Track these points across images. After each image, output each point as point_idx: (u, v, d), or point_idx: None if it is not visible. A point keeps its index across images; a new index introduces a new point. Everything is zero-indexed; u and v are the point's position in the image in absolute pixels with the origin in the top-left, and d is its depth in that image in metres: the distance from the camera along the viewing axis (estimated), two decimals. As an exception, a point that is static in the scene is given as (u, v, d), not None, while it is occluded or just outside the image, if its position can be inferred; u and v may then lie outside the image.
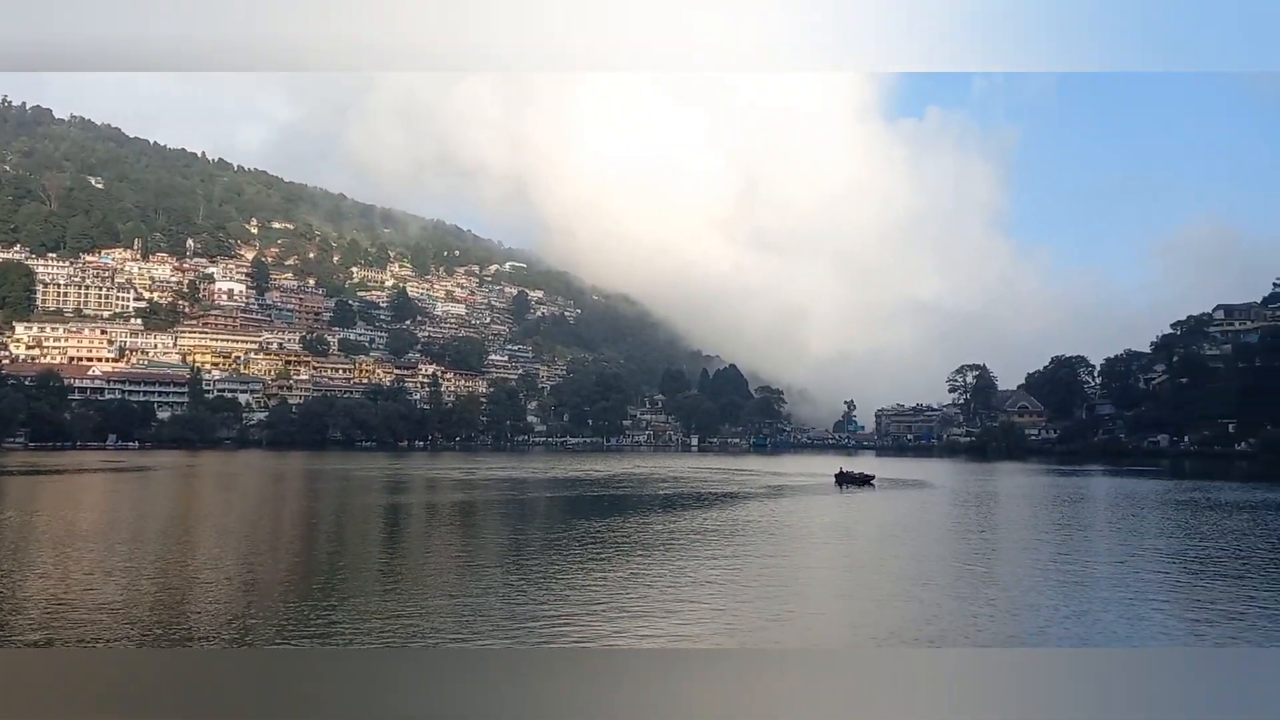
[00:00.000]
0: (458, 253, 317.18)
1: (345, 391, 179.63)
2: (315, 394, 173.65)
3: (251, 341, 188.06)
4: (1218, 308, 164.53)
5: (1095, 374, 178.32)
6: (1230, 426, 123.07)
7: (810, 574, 22.70)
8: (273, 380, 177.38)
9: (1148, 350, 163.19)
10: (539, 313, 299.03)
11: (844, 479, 58.66)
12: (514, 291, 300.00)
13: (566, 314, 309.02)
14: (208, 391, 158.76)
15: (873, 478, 59.42)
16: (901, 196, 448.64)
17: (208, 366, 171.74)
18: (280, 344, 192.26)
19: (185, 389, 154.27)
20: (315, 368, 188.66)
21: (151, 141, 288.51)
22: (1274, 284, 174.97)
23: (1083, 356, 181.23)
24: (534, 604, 17.19)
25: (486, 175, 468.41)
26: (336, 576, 20.68)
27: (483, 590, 18.62)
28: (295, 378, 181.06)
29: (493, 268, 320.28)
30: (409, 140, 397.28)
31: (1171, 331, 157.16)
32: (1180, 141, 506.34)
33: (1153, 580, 21.35)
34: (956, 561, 24.67)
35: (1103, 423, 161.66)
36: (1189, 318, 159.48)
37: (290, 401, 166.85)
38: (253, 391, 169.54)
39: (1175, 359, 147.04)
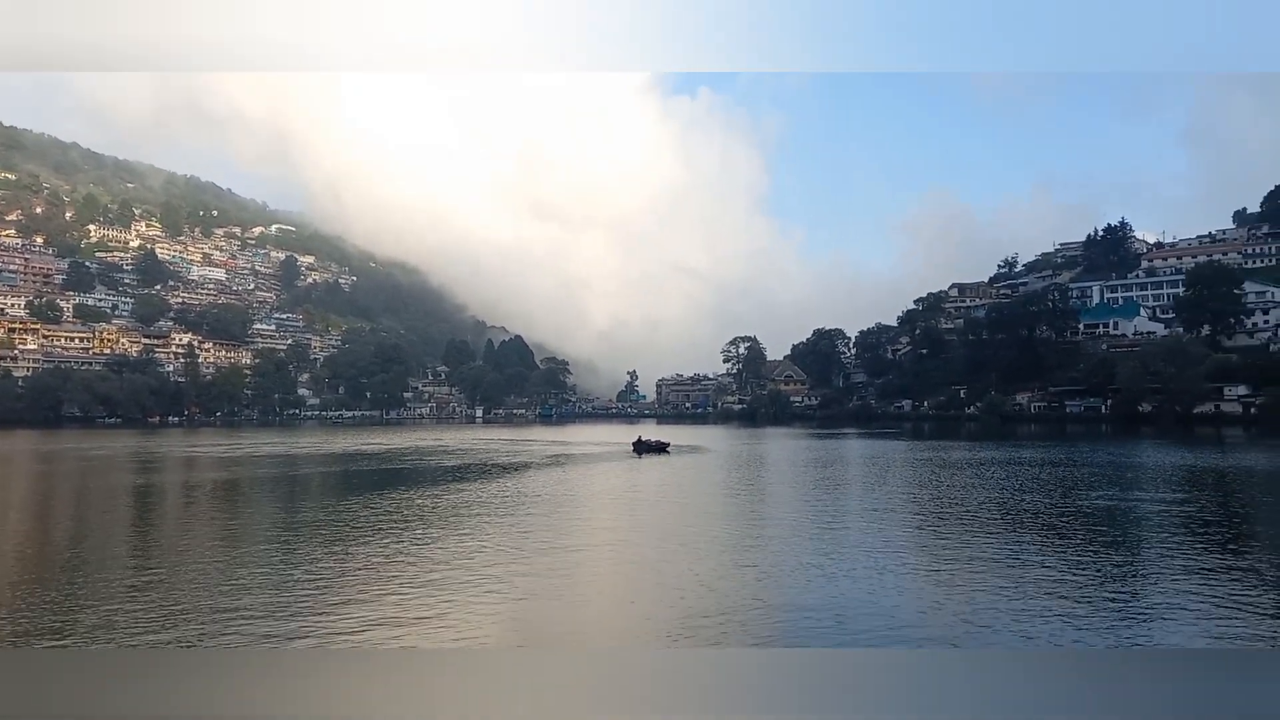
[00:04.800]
0: (215, 213, 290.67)
1: (83, 363, 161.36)
2: (46, 365, 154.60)
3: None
4: (953, 286, 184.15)
5: (851, 345, 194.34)
6: (961, 392, 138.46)
7: (600, 537, 23.20)
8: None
9: (895, 324, 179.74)
10: (310, 279, 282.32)
11: (642, 447, 60.38)
12: (281, 256, 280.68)
13: (341, 281, 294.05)
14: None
15: (668, 445, 61.63)
16: (672, 171, 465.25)
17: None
18: (1, 309, 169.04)
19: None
20: (46, 336, 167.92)
21: None
22: (999, 265, 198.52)
23: (841, 329, 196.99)
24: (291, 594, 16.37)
25: (242, 126, 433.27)
26: (76, 570, 18.59)
27: (236, 577, 17.46)
28: (21, 347, 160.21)
29: (256, 230, 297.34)
30: (151, 81, 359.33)
31: (914, 307, 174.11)
32: (920, 124, 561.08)
33: (896, 534, 23.66)
34: (732, 524, 26.11)
35: (857, 390, 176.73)
36: (929, 295, 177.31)
37: (15, 374, 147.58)
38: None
39: (917, 332, 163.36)
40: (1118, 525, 25.05)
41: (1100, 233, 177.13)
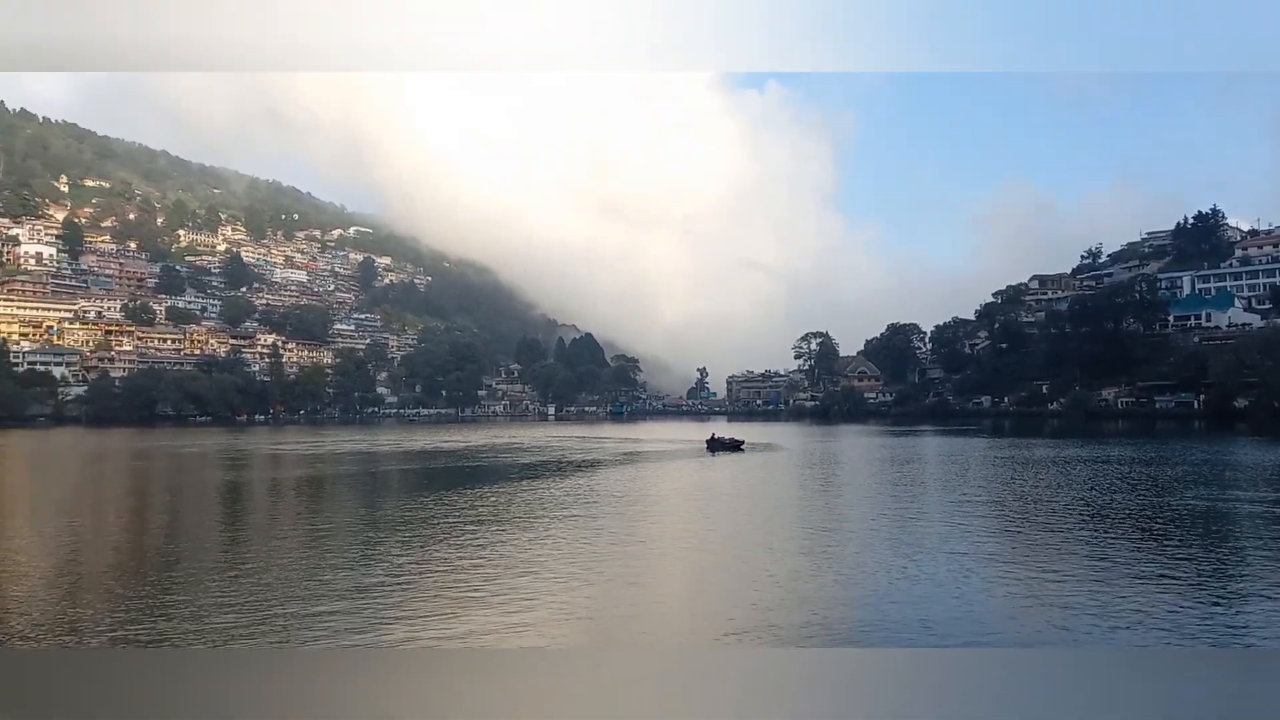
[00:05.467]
0: (296, 216, 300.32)
1: (175, 363, 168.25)
2: (141, 366, 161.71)
3: (66, 309, 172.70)
4: (1033, 278, 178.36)
5: (926, 340, 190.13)
6: (1043, 388, 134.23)
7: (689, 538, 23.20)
8: (91, 352, 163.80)
9: (972, 318, 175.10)
10: (387, 280, 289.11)
11: (716, 444, 60.05)
12: (359, 258, 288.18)
13: (416, 281, 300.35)
14: (16, 364, 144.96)
15: (743, 443, 61.10)
16: (742, 167, 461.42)
17: (15, 337, 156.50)
18: (99, 312, 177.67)
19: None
20: (140, 338, 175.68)
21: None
22: (1082, 256, 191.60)
23: (915, 324, 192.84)
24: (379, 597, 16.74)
25: (318, 131, 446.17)
26: (171, 565, 19.40)
27: (330, 576, 17.96)
28: (117, 349, 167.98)
29: (335, 233, 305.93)
30: (231, 88, 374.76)
31: (993, 300, 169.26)
32: (996, 117, 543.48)
33: (979, 535, 23.05)
34: (809, 523, 25.81)
35: (933, 386, 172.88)
36: (1008, 287, 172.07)
37: (112, 374, 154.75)
38: (69, 364, 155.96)
39: (996, 326, 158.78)
40: (1215, 527, 23.96)
41: (1190, 221, 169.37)
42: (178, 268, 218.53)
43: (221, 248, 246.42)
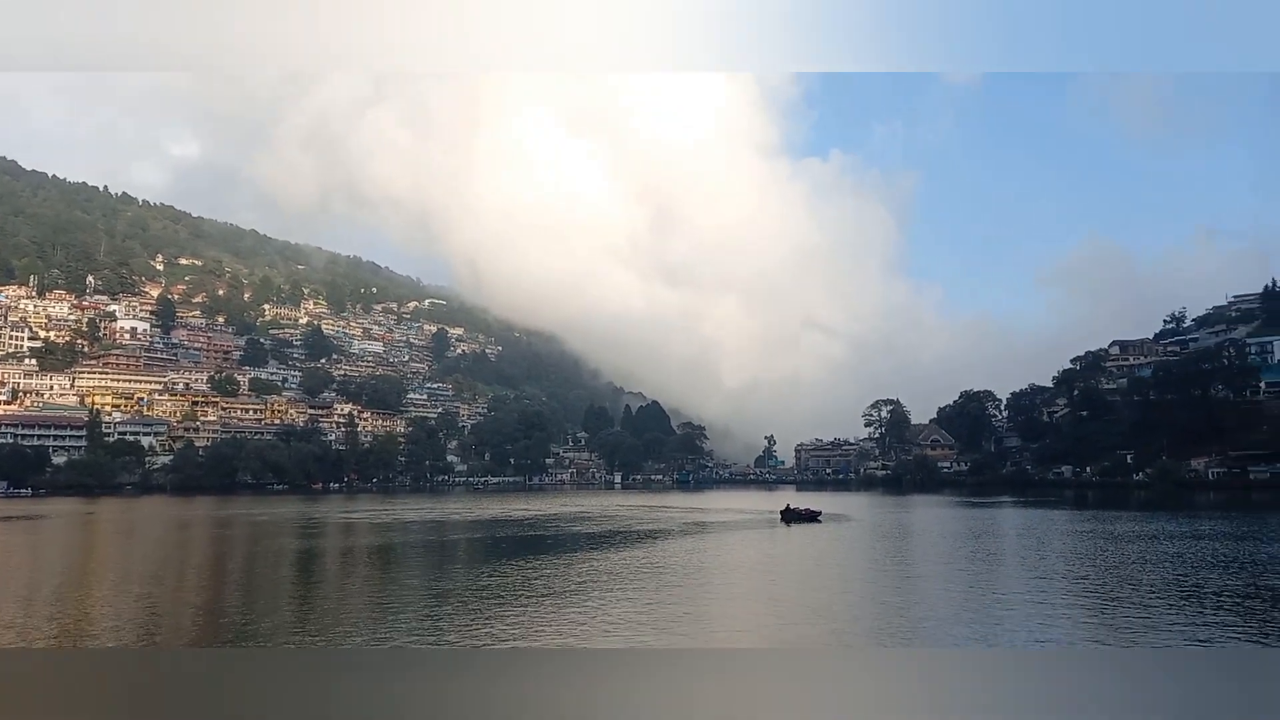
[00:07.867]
0: (374, 290, 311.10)
1: (256, 433, 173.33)
2: (224, 435, 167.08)
3: (156, 382, 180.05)
4: (1113, 343, 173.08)
5: (1002, 408, 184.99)
6: (1128, 457, 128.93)
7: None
8: (178, 422, 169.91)
9: (1049, 384, 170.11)
10: (459, 350, 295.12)
11: (791, 515, 58.78)
12: (433, 329, 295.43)
13: (487, 351, 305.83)
14: (108, 435, 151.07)
15: (819, 514, 59.76)
16: (805, 233, 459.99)
17: (108, 409, 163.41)
18: (187, 384, 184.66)
19: (83, 432, 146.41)
20: (224, 408, 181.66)
21: (50, 175, 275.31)
22: (1164, 321, 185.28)
23: (990, 391, 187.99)
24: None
25: (392, 207, 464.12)
26: (247, 629, 19.82)
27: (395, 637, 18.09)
28: (203, 419, 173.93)
29: (411, 305, 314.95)
30: (315, 168, 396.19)
31: (1071, 366, 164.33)
32: (1064, 170, 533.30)
33: (1062, 617, 22.07)
34: (882, 601, 25.09)
35: (1010, 455, 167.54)
36: (1087, 353, 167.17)
37: (197, 444, 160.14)
38: (156, 434, 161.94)
39: (1075, 393, 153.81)
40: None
41: (1279, 284, 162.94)
42: (262, 340, 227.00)
43: (304, 321, 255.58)
